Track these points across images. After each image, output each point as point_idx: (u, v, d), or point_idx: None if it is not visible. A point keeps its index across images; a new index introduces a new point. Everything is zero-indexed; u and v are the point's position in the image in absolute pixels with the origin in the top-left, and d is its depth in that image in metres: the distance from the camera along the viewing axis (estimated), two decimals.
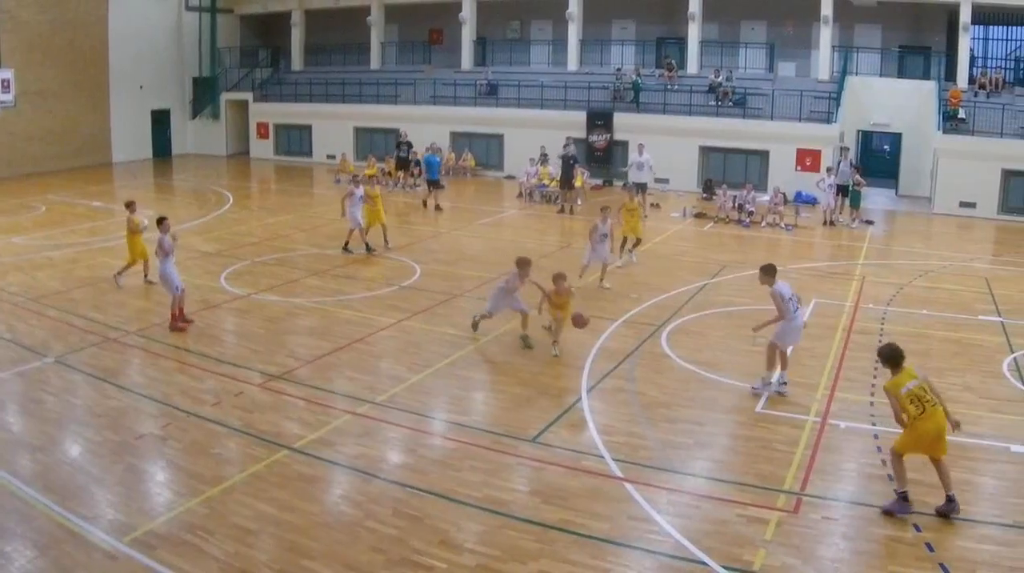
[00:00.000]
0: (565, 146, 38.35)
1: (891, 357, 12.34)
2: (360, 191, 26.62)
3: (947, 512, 11.82)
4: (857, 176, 36.29)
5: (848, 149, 39.85)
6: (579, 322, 17.93)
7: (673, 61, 46.91)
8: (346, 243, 26.93)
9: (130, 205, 23.58)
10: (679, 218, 36.28)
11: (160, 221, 20.05)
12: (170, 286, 19.58)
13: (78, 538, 10.97)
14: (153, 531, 11.09)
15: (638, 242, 26.89)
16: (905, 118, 43.43)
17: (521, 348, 18.56)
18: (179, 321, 19.57)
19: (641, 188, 36.01)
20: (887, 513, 11.87)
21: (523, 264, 18.79)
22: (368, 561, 10.57)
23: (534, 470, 13.28)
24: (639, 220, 26.59)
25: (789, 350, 16.45)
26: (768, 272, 16.38)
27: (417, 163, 43.05)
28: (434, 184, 35.85)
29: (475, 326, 19.26)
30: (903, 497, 11.98)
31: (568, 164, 36.73)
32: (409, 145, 43.07)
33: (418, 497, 12.15)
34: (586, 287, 23.25)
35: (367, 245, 26.82)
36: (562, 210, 36.35)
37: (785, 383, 16.04)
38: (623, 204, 26.21)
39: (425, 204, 35.91)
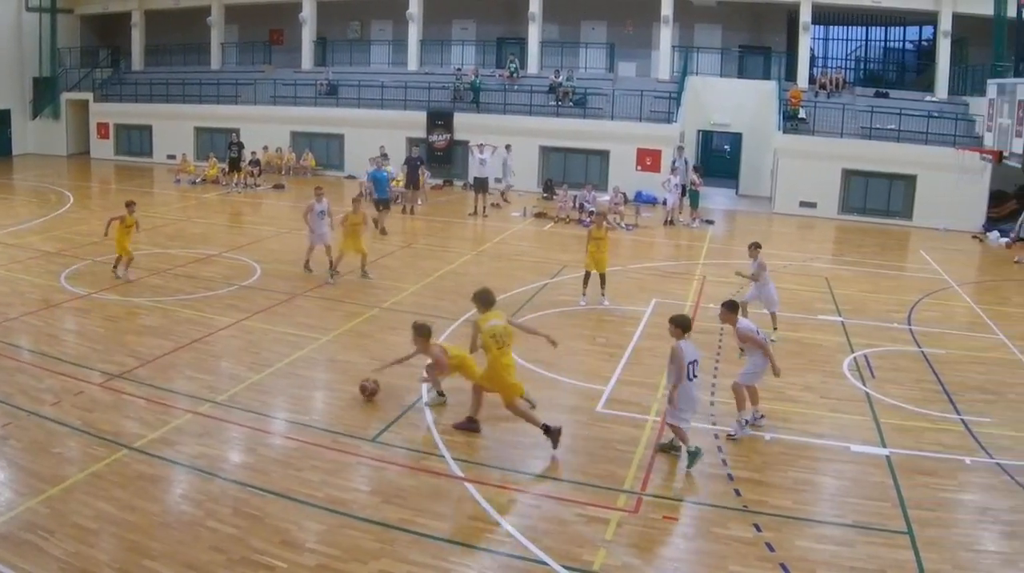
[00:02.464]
0: (411, 150, 38.86)
1: (482, 298, 14.51)
2: (322, 205, 24.89)
3: (553, 436, 13.68)
4: (694, 176, 37.08)
5: (683, 148, 40.64)
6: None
7: (515, 66, 47.41)
8: (306, 262, 25.14)
9: (130, 205, 23.41)
10: (519, 218, 36.50)
11: None
12: None
13: None
14: None
15: (603, 279, 23.14)
16: (745, 118, 44.73)
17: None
18: None
19: (482, 186, 36.16)
20: (457, 427, 14.12)
21: None
22: (209, 560, 10.48)
23: (374, 469, 13.25)
24: (605, 252, 22.98)
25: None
26: (731, 309, 15.23)
27: (255, 163, 43.08)
28: (383, 203, 32.11)
29: None
30: (471, 421, 14.26)
31: (413, 166, 36.75)
32: (240, 146, 42.65)
33: (258, 496, 12.11)
34: (427, 286, 23.52)
35: (307, 263, 25.05)
36: (404, 210, 36.15)
37: (762, 416, 15.50)
38: (589, 232, 23.38)
39: (382, 229, 31.35)
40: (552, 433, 13.67)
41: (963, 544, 11.65)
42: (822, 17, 48.14)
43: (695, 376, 13.69)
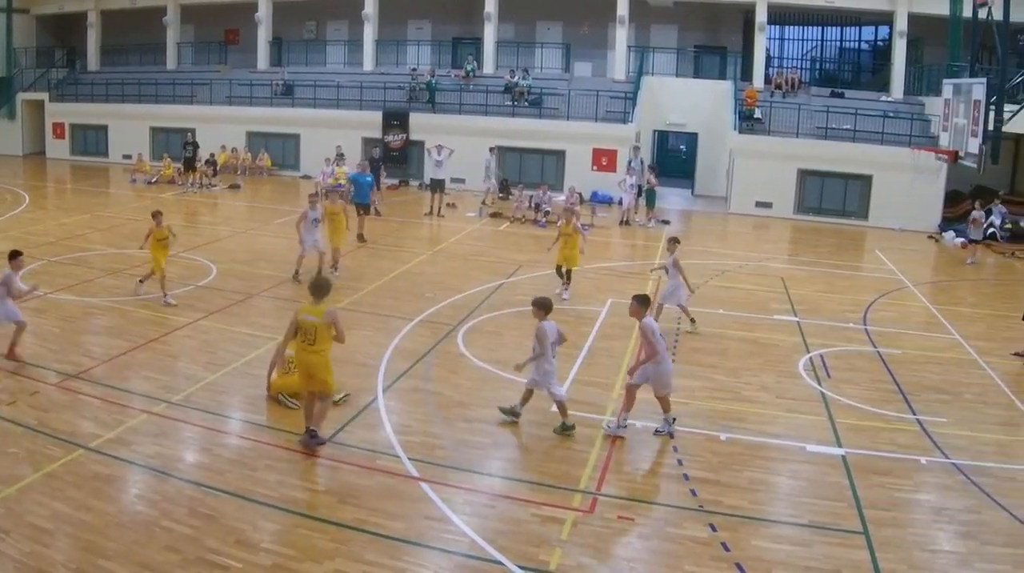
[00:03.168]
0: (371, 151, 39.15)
1: (317, 287, 13.50)
2: (315, 213, 24.27)
3: (310, 445, 13.51)
4: (651, 176, 37.19)
5: (639, 148, 40.79)
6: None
7: (471, 66, 47.54)
8: (296, 272, 24.35)
9: (157, 215, 22.40)
10: (475, 218, 36.49)
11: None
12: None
13: None
14: None
15: (569, 274, 23.94)
16: (701, 118, 44.97)
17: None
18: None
19: (438, 186, 36.12)
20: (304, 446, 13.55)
21: None
22: (164, 560, 10.44)
23: (330, 470, 13.22)
24: (574, 248, 23.57)
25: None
26: (642, 303, 14.84)
27: (210, 163, 43.00)
28: (363, 209, 30.84)
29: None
30: (312, 433, 13.59)
31: (375, 166, 36.67)
32: (196, 146, 42.30)
33: (214, 496, 12.06)
34: (383, 285, 23.52)
35: (297, 273, 24.30)
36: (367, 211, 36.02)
37: (674, 419, 15.24)
38: (560, 229, 24.12)
39: (359, 236, 30.25)
40: (310, 436, 13.60)
41: (919, 544, 11.72)
42: (778, 17, 48.49)
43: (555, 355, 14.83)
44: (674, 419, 15.02)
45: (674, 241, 21.68)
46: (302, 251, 24.24)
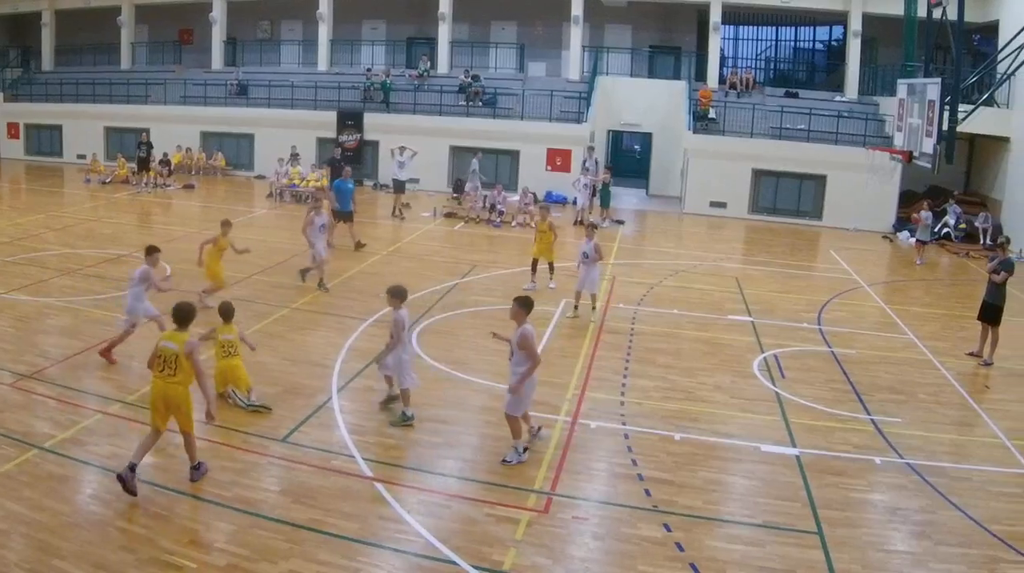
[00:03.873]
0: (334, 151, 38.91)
1: (180, 313, 12.44)
2: (322, 218, 23.93)
3: (195, 478, 12.47)
4: (606, 175, 37.29)
5: (594, 148, 40.93)
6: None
7: (426, 66, 47.50)
8: (320, 279, 23.82)
9: (226, 225, 21.96)
10: (429, 218, 36.43)
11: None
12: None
13: None
14: None
15: (550, 267, 24.97)
16: (655, 118, 45.23)
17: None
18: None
19: (401, 187, 36.03)
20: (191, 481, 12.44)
21: None
22: (118, 560, 10.39)
23: (284, 469, 13.18)
24: (548, 243, 24.37)
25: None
26: (523, 306, 14.09)
27: (164, 163, 42.64)
28: (346, 217, 29.45)
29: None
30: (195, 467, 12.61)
31: (337, 167, 36.53)
32: (149, 146, 42.30)
33: (168, 496, 12.04)
34: (338, 285, 23.58)
35: (320, 280, 23.88)
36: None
37: (539, 428, 14.83)
38: (536, 225, 24.93)
39: (358, 245, 29.35)
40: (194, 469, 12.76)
41: (873, 544, 11.79)
42: (732, 17, 48.82)
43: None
44: (539, 428, 14.58)
45: (592, 227, 22.37)
46: (320, 257, 23.64)
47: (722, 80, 46.11)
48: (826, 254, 33.75)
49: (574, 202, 37.85)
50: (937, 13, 25.52)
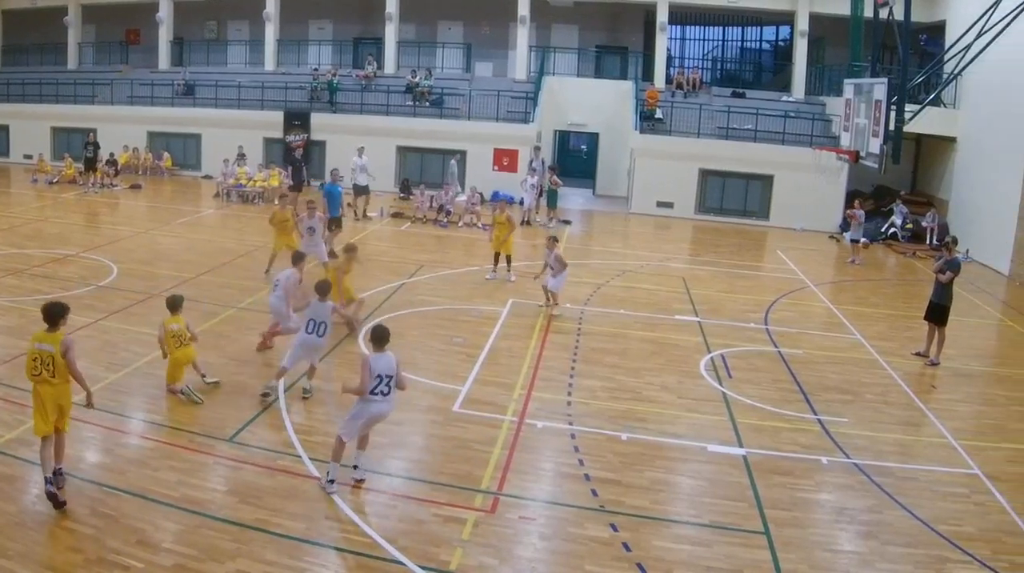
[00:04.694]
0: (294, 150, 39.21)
1: (49, 312, 12.35)
2: (312, 221, 23.89)
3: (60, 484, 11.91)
4: (554, 177, 37.32)
5: (540, 148, 40.98)
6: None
7: (373, 66, 47.41)
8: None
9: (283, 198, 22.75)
10: (377, 218, 36.27)
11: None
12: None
13: None
14: None
15: (508, 260, 26.04)
16: (602, 118, 45.39)
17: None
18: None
19: (363, 191, 35.87)
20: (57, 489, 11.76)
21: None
22: (65, 561, 10.39)
23: (231, 469, 13.15)
24: (506, 235, 25.64)
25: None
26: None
27: (111, 163, 42.32)
28: (335, 223, 28.77)
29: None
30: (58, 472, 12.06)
31: (298, 167, 36.35)
32: (96, 146, 41.89)
33: (115, 496, 12.00)
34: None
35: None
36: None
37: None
38: (494, 218, 25.72)
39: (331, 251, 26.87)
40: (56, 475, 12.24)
41: (820, 544, 11.89)
42: (679, 17, 49.07)
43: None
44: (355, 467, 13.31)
45: (553, 240, 22.64)
46: (320, 261, 23.82)
47: (669, 80, 46.30)
48: (773, 254, 34.01)
49: (521, 202, 37.84)
50: (884, 13, 25.71)
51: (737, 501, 12.94)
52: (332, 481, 12.54)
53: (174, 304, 15.94)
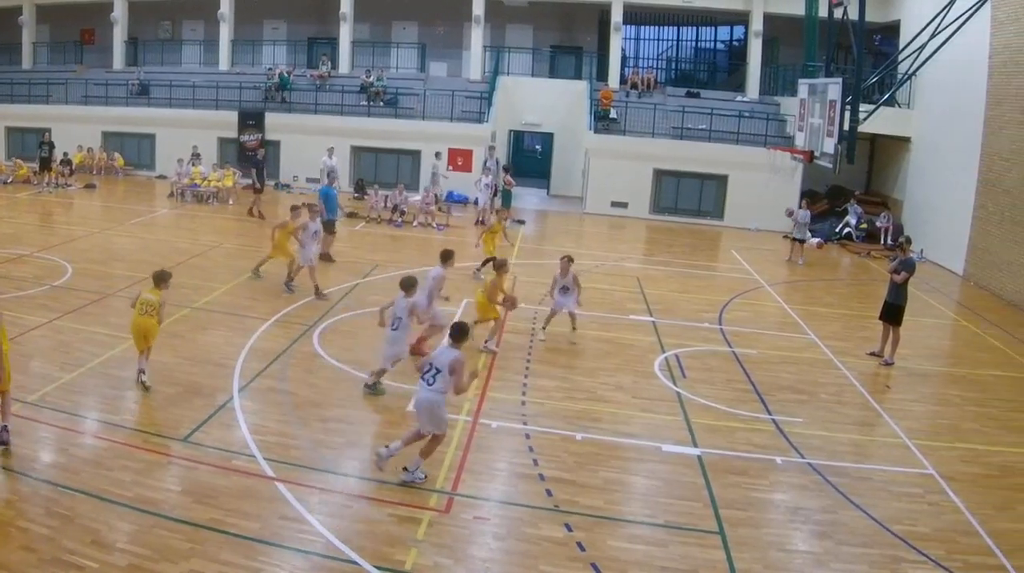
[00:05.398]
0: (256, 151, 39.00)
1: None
2: (316, 225, 23.65)
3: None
4: (507, 177, 37.33)
5: (495, 148, 40.99)
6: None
7: (327, 66, 47.37)
8: (316, 288, 23.31)
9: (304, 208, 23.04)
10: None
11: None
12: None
13: None
14: None
15: (486, 262, 25.52)
16: (557, 118, 45.53)
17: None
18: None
19: None
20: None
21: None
22: (19, 560, 10.34)
23: (186, 469, 13.10)
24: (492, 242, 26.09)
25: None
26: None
27: (66, 163, 42.01)
28: (329, 227, 27.89)
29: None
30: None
31: (260, 167, 36.10)
32: (51, 146, 41.21)
33: (69, 496, 11.92)
34: (240, 285, 23.72)
35: (291, 281, 23.81)
36: (251, 212, 35.30)
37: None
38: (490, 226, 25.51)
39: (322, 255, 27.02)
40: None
41: (774, 544, 11.95)
42: (633, 17, 49.27)
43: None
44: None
45: (569, 260, 20.81)
46: (299, 262, 23.50)
47: (623, 80, 46.59)
48: (727, 254, 34.16)
49: (475, 202, 37.81)
50: (838, 13, 25.89)
51: (692, 501, 12.99)
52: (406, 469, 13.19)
53: (159, 278, 16.35)
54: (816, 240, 36.38)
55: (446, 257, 19.10)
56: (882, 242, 36.51)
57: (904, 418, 17.08)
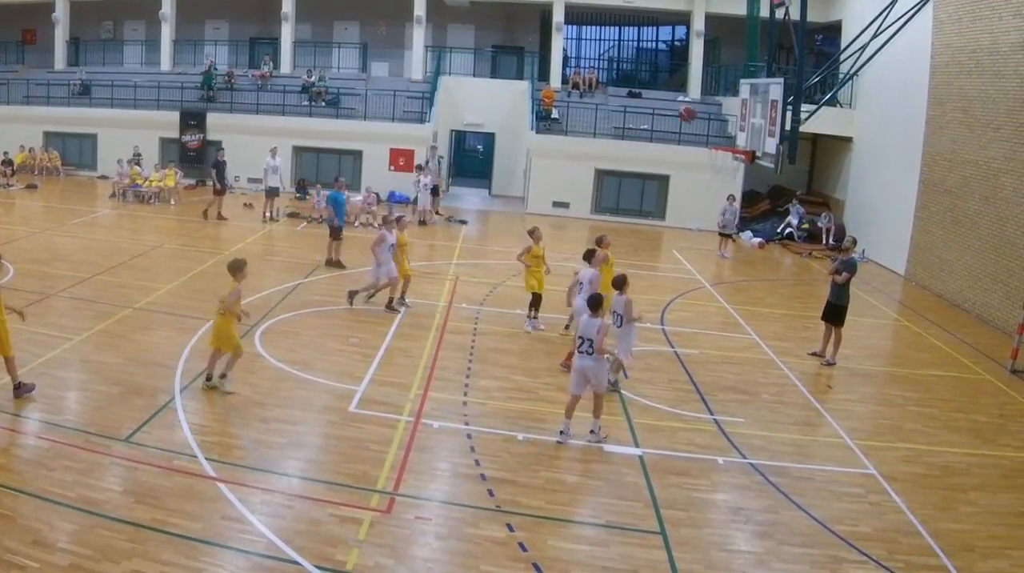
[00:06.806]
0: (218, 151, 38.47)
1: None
2: (393, 237, 22.67)
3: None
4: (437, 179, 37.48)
5: (436, 148, 41.02)
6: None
7: (269, 66, 47.33)
8: (390, 300, 22.92)
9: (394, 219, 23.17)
10: (273, 217, 35.91)
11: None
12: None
13: None
14: None
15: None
16: (498, 118, 45.64)
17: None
18: None
19: (275, 192, 35.54)
20: None
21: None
22: None
23: (127, 470, 13.00)
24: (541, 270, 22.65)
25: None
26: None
27: (7, 163, 41.89)
28: (336, 234, 27.77)
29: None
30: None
31: (220, 169, 35.79)
32: None
33: (11, 496, 11.87)
34: (181, 285, 23.41)
35: (402, 297, 23.30)
36: (206, 214, 34.96)
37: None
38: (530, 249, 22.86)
39: (329, 262, 27.86)
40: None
41: (716, 544, 12.03)
42: (575, 17, 49.46)
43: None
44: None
45: (624, 281, 18.22)
46: (378, 276, 22.64)
47: (565, 80, 46.71)
48: (669, 254, 34.39)
49: (415, 201, 37.78)
50: (780, 13, 26.02)
51: (633, 501, 13.05)
52: (562, 432, 14.95)
53: (229, 267, 16.51)
54: (757, 240, 36.68)
55: (589, 255, 20.33)
56: (824, 242, 36.86)
57: (846, 418, 17.26)
